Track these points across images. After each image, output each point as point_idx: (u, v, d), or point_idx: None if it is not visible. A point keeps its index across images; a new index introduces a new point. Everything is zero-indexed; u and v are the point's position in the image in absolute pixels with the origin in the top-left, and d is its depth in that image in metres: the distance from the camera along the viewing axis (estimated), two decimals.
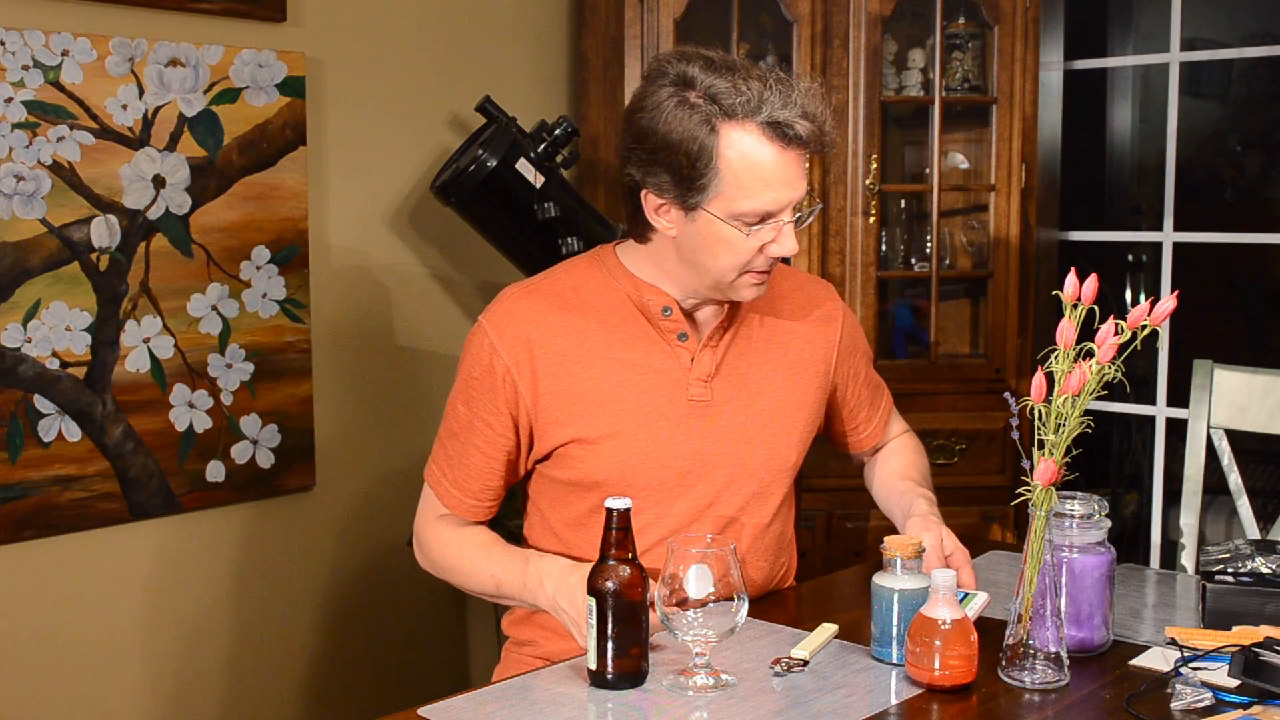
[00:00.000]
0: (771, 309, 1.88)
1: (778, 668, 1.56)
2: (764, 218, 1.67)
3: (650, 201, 1.71)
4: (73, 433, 2.34)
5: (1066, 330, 1.49)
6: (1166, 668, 1.54)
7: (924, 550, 1.62)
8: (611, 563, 1.49)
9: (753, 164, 1.64)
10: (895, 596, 1.57)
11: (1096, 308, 1.52)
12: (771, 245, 1.69)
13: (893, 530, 1.90)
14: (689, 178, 1.65)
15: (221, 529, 2.59)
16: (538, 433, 1.78)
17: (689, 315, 1.80)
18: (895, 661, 1.58)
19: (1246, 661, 1.44)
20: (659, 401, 1.76)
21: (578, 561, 1.71)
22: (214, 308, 2.52)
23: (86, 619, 2.41)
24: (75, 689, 2.41)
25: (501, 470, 1.82)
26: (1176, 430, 3.16)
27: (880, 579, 1.60)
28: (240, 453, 2.58)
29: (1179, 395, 2.98)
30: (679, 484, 1.77)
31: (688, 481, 1.78)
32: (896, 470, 2.01)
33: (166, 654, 2.53)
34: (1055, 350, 1.49)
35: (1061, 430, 1.49)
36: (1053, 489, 1.50)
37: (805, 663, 1.58)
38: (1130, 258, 4.07)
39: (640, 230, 1.77)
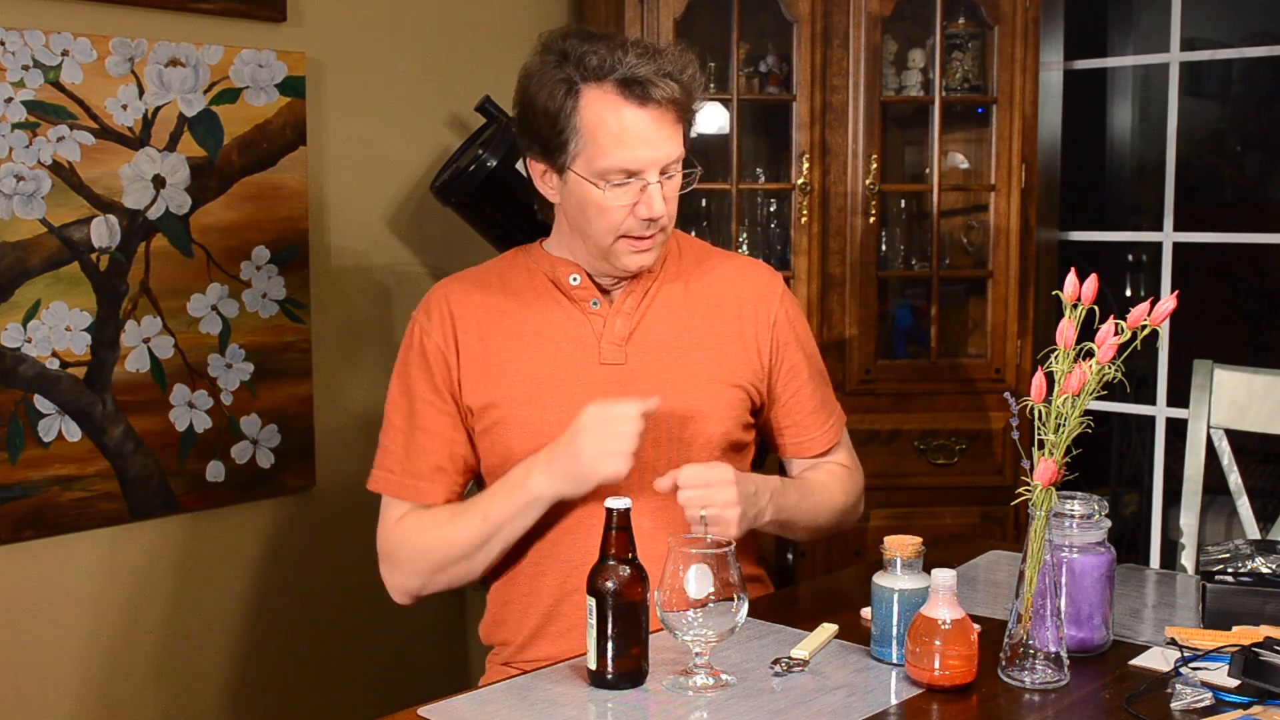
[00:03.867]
0: (701, 284, 1.88)
1: (778, 668, 1.56)
2: (627, 176, 1.71)
3: (534, 169, 1.81)
4: (73, 433, 2.34)
5: (1066, 330, 1.49)
6: (1166, 668, 1.54)
7: (924, 550, 1.62)
8: (611, 563, 1.49)
9: (607, 121, 1.70)
10: (895, 596, 1.57)
11: (1096, 308, 1.51)
12: (639, 206, 1.72)
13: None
14: (553, 138, 1.73)
15: (221, 529, 2.59)
16: (463, 407, 1.82)
17: (601, 286, 1.85)
18: (895, 661, 1.58)
19: (1246, 661, 1.44)
20: (572, 368, 1.80)
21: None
22: (214, 308, 2.52)
23: (86, 619, 2.41)
24: (75, 689, 2.41)
25: (450, 447, 1.82)
26: (1176, 430, 3.16)
27: (880, 579, 1.60)
28: (240, 453, 2.58)
29: (1179, 395, 2.98)
30: None
31: None
32: (807, 476, 1.97)
33: (167, 654, 2.53)
34: (1055, 350, 1.49)
35: (1061, 430, 1.49)
36: (1053, 489, 1.50)
37: (805, 663, 1.58)
38: (1130, 258, 4.07)
39: (543, 204, 1.86)
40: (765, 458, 2.08)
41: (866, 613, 1.74)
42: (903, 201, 3.10)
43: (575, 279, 1.83)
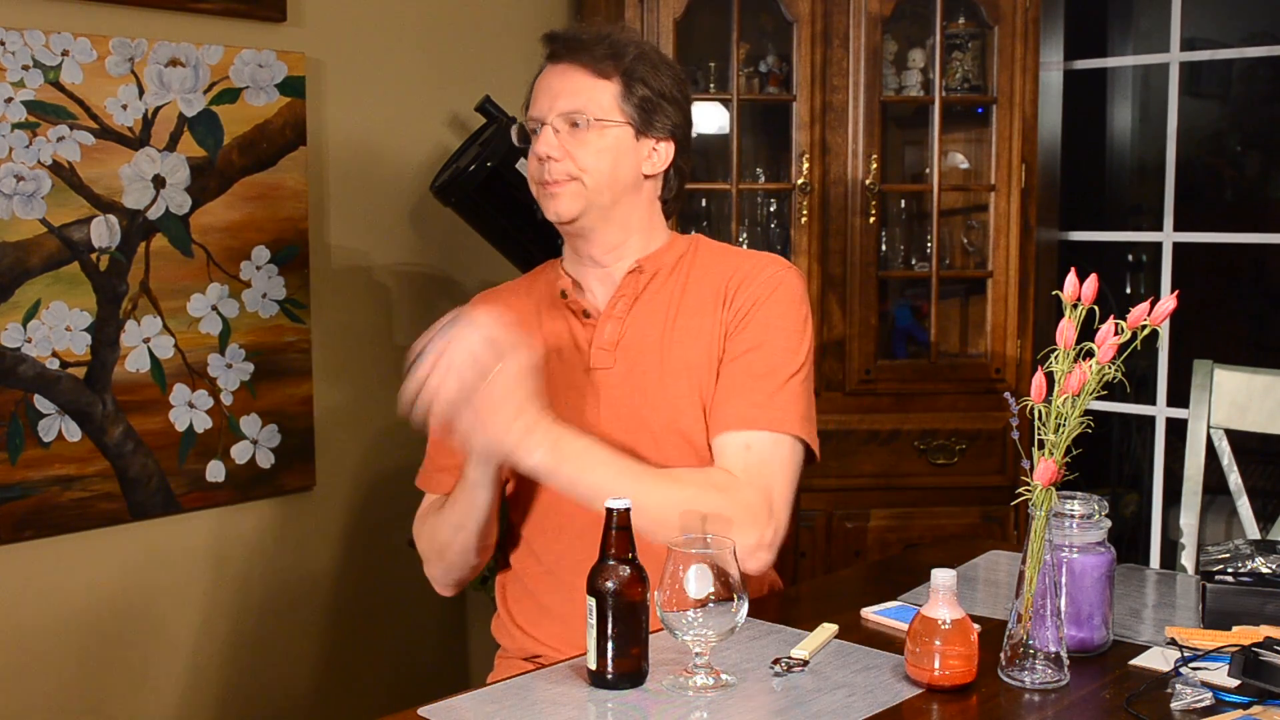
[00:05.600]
0: (698, 282, 1.86)
1: (778, 668, 1.56)
2: (536, 126, 1.82)
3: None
4: (73, 433, 2.34)
5: (1066, 330, 1.49)
6: (1166, 668, 1.54)
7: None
8: (611, 563, 1.49)
9: (535, 78, 1.86)
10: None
11: (1096, 308, 1.51)
12: (537, 148, 1.82)
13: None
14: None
15: (221, 529, 2.59)
16: None
17: (589, 294, 1.88)
18: None
19: (1246, 661, 1.44)
20: (567, 374, 1.83)
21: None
22: (214, 308, 2.52)
23: (86, 619, 2.41)
24: (75, 689, 2.41)
25: None
26: (1176, 430, 3.16)
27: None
28: (240, 453, 2.58)
29: (1179, 395, 2.98)
30: None
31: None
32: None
33: (166, 654, 2.53)
34: (1055, 350, 1.49)
35: (1061, 430, 1.48)
36: (1053, 489, 1.50)
37: (805, 663, 1.58)
38: (1130, 258, 4.07)
39: None
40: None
41: (867, 612, 1.75)
42: (903, 201, 3.10)
43: (565, 293, 1.88)
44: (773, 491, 1.71)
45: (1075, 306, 1.51)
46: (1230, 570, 1.72)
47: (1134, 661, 1.59)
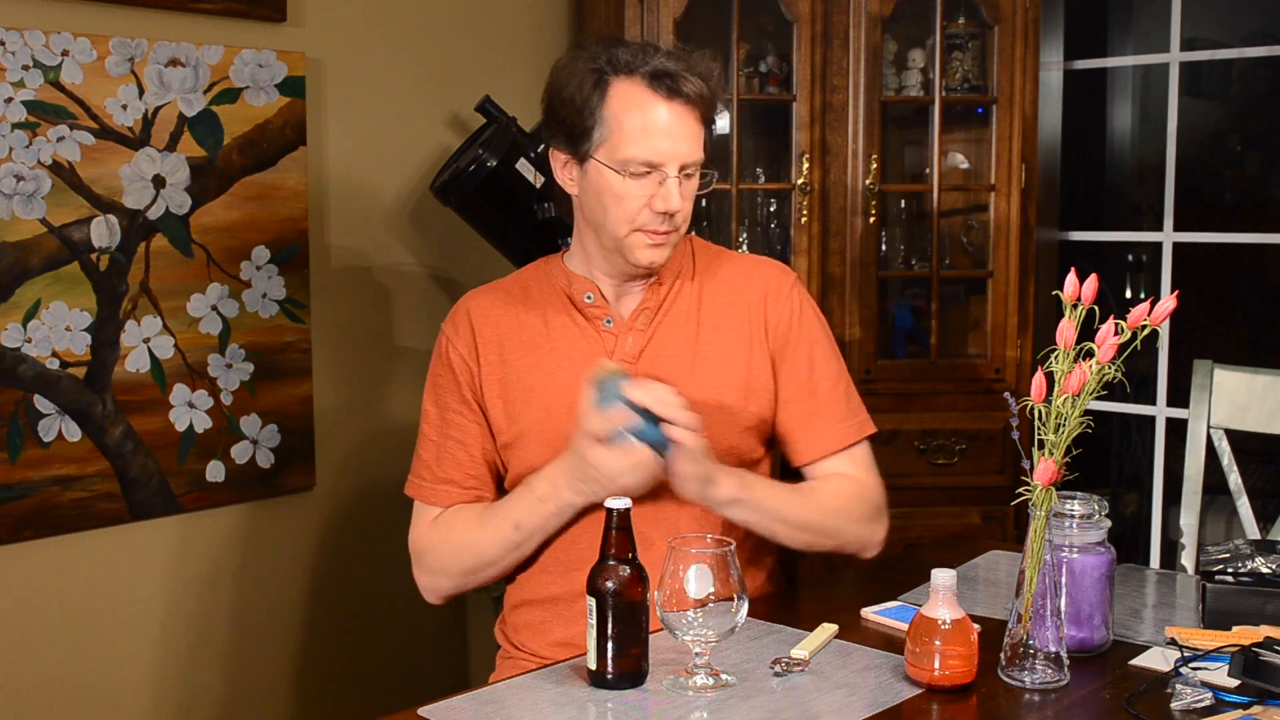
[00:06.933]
0: (712, 292, 1.88)
1: (778, 668, 1.56)
2: (648, 169, 1.73)
3: (556, 160, 1.82)
4: (73, 433, 2.34)
5: (1066, 330, 1.49)
6: (1166, 668, 1.54)
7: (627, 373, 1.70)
8: (611, 563, 1.49)
9: (633, 111, 1.72)
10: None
11: (1096, 308, 1.51)
12: (655, 199, 1.73)
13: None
14: (578, 124, 1.75)
15: (221, 529, 2.59)
16: (490, 417, 1.85)
17: (616, 301, 1.85)
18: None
19: (1246, 661, 1.44)
20: (586, 385, 1.79)
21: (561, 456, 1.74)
22: (214, 308, 2.52)
23: (86, 619, 2.41)
24: (75, 689, 2.41)
25: (481, 457, 1.86)
26: (1176, 430, 3.16)
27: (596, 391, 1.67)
28: (240, 453, 2.58)
29: (1179, 395, 2.98)
30: None
31: None
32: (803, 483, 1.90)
33: (166, 654, 2.53)
34: (1055, 350, 1.49)
35: (1061, 430, 1.48)
36: (1053, 489, 1.50)
37: (805, 663, 1.58)
38: (1130, 258, 4.07)
39: (565, 203, 1.87)
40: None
41: (867, 612, 1.75)
42: (903, 201, 3.10)
43: (590, 297, 1.84)
44: (880, 488, 1.91)
45: (1075, 306, 1.51)
46: (1230, 570, 1.72)
47: (1134, 661, 1.59)
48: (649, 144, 1.72)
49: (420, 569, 1.88)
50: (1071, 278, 1.51)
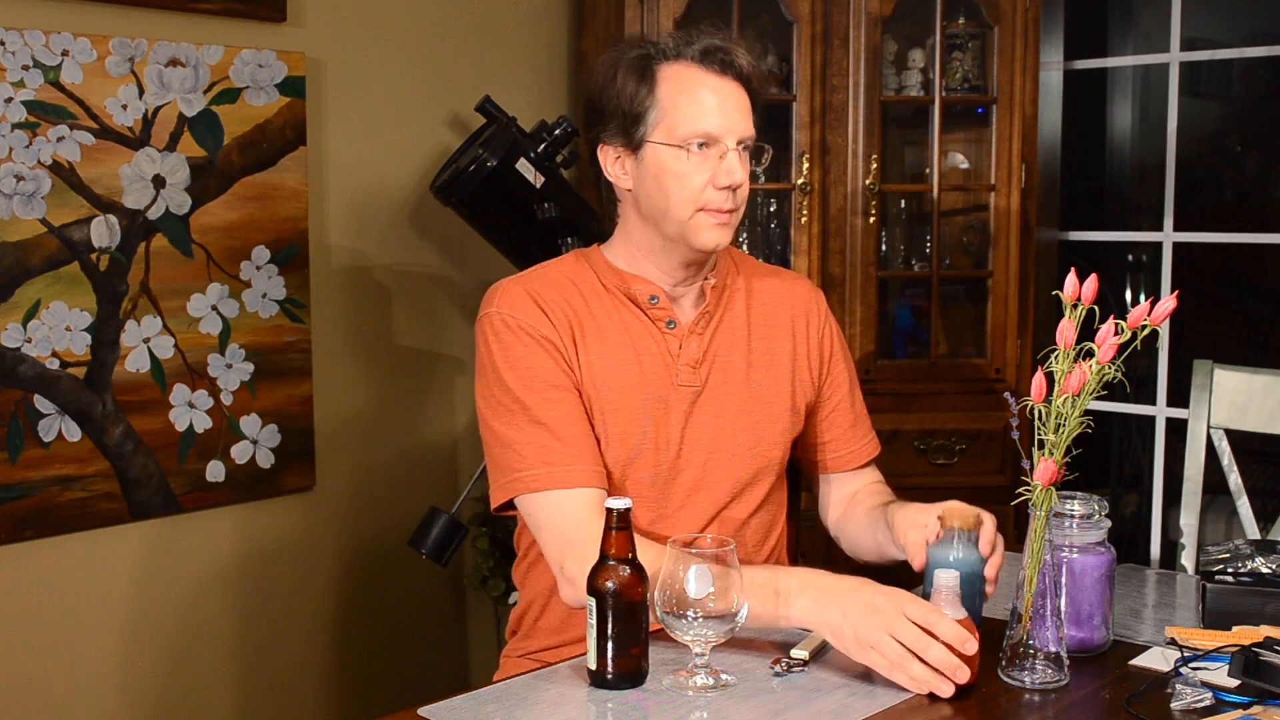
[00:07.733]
0: (759, 302, 1.89)
1: (778, 668, 1.56)
2: (705, 142, 1.71)
3: (607, 155, 1.78)
4: (73, 433, 2.34)
5: (1066, 330, 1.49)
6: (1166, 668, 1.54)
7: (981, 522, 1.63)
8: (611, 563, 1.49)
9: (687, 87, 1.72)
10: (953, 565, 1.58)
11: (1096, 308, 1.51)
12: (718, 175, 1.71)
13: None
14: (630, 111, 1.72)
15: (221, 529, 2.59)
16: (584, 393, 1.76)
17: (675, 304, 1.82)
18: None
19: (1246, 661, 1.44)
20: (655, 384, 1.78)
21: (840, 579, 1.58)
22: (214, 308, 2.52)
23: (86, 619, 2.41)
24: (75, 689, 2.41)
25: (591, 431, 1.75)
26: (1176, 430, 3.16)
27: (937, 549, 1.60)
28: (240, 453, 2.58)
29: (1179, 395, 2.97)
30: (672, 468, 1.78)
31: (678, 466, 1.78)
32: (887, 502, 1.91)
33: (166, 653, 2.53)
34: (1055, 350, 1.49)
35: (1061, 430, 1.48)
36: (1053, 489, 1.50)
37: (805, 663, 1.58)
38: (1130, 258, 4.07)
39: (611, 206, 1.83)
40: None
41: None
42: (903, 201, 3.10)
43: (655, 299, 1.80)
44: None
45: (1075, 306, 1.51)
46: (1230, 570, 1.72)
47: (1134, 661, 1.59)
48: (706, 117, 1.71)
49: (580, 568, 1.57)
50: (1071, 278, 1.51)
